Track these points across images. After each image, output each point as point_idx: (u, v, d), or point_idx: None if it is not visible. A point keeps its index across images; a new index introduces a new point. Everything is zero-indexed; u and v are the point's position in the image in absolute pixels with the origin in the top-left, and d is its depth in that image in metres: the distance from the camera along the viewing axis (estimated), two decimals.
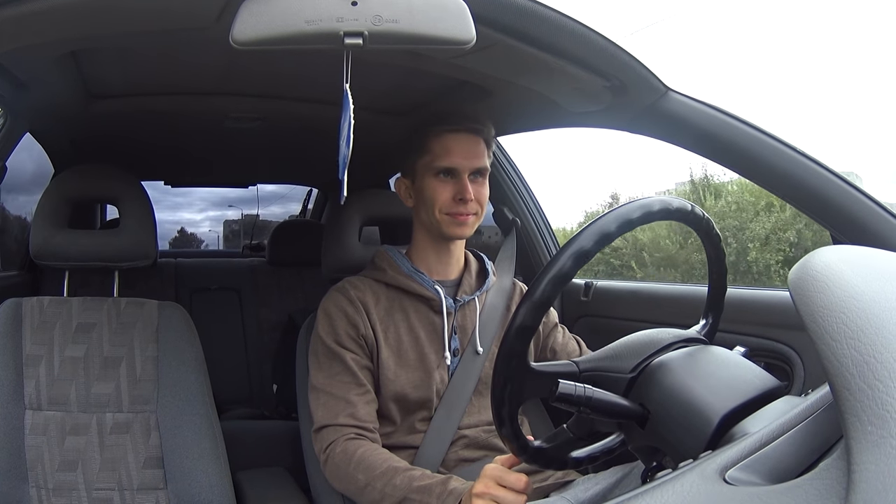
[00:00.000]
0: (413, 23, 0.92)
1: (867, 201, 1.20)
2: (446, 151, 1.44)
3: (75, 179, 1.68)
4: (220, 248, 3.81)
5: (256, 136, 2.19)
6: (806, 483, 0.54)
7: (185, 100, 1.84)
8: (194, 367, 1.60)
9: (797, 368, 1.43)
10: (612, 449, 1.02)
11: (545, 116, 1.65)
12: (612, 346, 0.99)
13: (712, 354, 0.95)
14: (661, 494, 0.58)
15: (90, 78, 1.60)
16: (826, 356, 0.56)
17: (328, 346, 1.42)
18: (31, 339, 1.56)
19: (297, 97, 1.82)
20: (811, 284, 0.61)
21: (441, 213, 1.44)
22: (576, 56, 1.20)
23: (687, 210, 0.97)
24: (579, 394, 0.88)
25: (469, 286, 1.54)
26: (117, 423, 1.54)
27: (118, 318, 1.62)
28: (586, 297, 2.03)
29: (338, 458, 1.34)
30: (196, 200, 4.36)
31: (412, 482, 1.24)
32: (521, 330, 0.89)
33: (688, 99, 1.31)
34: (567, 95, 1.38)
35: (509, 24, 1.10)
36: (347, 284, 1.49)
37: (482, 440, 1.45)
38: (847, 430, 0.52)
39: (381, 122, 1.89)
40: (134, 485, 1.50)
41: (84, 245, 1.63)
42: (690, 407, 0.85)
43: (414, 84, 1.71)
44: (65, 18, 1.03)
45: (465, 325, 1.50)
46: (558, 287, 0.88)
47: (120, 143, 2.26)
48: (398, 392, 1.42)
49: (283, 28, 0.89)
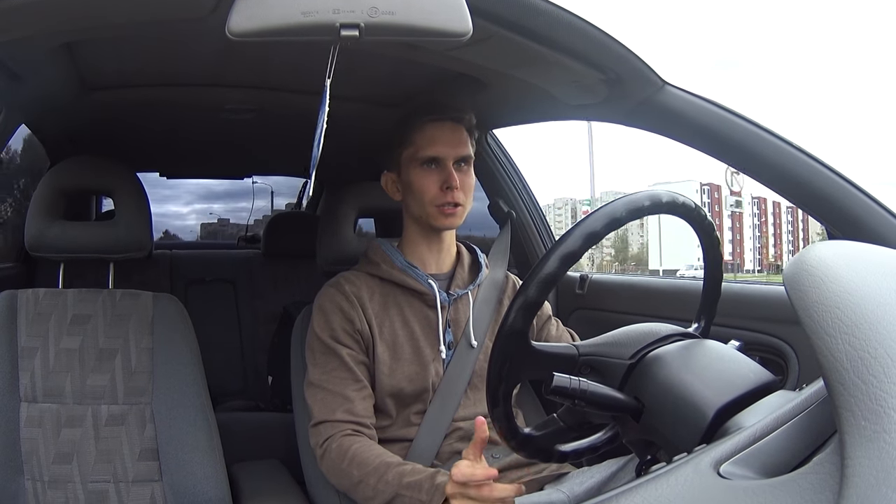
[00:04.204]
0: (409, 15, 0.92)
1: (863, 197, 1.20)
2: (429, 141, 1.44)
3: (70, 171, 1.67)
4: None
5: (252, 127, 2.18)
6: (800, 477, 0.54)
7: (181, 91, 1.83)
8: (189, 359, 1.60)
9: (792, 363, 1.44)
10: (597, 446, 1.02)
11: (542, 109, 1.65)
12: (613, 333, 0.99)
13: (707, 348, 0.95)
14: (655, 488, 0.59)
15: (85, 69, 1.59)
16: (820, 351, 0.56)
17: (324, 341, 1.42)
18: (27, 331, 1.55)
19: (293, 88, 1.81)
20: (806, 279, 0.61)
21: (430, 206, 1.44)
22: (573, 49, 1.19)
23: (678, 203, 0.96)
24: (574, 386, 0.88)
25: (462, 279, 1.54)
26: (112, 415, 1.54)
27: (113, 310, 1.62)
28: (581, 289, 2.03)
29: (333, 453, 1.35)
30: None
31: (402, 478, 1.25)
32: (513, 330, 0.90)
33: (684, 93, 1.31)
34: (564, 88, 1.38)
35: (506, 17, 1.09)
36: (342, 279, 1.49)
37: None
38: (841, 425, 0.52)
39: (377, 114, 1.88)
40: (129, 477, 1.51)
41: (79, 237, 1.63)
42: (685, 400, 0.85)
43: (410, 76, 1.70)
44: (59, 9, 1.02)
45: (459, 318, 1.50)
46: (548, 288, 0.90)
47: (115, 135, 2.25)
48: (394, 386, 1.43)
49: (280, 19, 0.89)
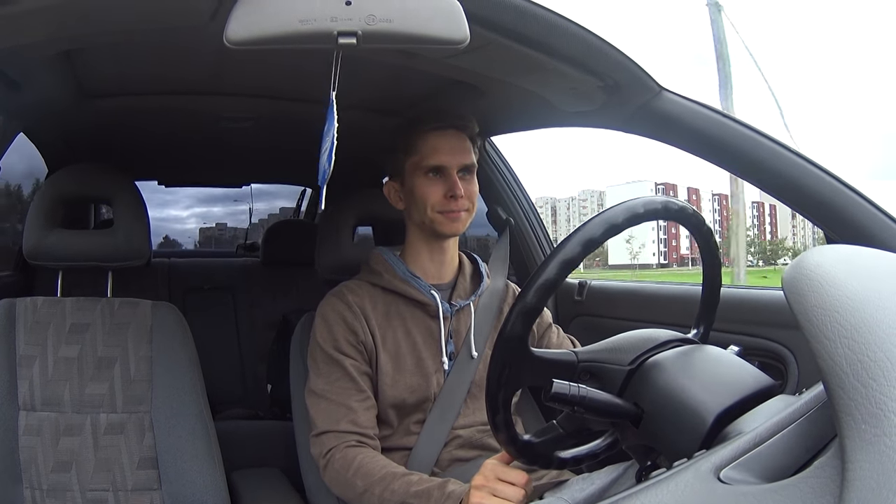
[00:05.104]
0: (407, 22, 0.92)
1: (861, 201, 1.20)
2: (433, 150, 1.44)
3: (69, 179, 1.67)
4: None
5: (250, 135, 2.18)
6: (800, 482, 0.54)
7: (179, 99, 1.84)
8: (188, 368, 1.59)
9: (791, 367, 1.43)
10: (597, 452, 1.02)
11: (539, 116, 1.65)
12: (612, 340, 0.99)
13: (706, 353, 0.95)
14: (655, 494, 0.59)
15: (84, 77, 1.59)
16: (820, 355, 0.56)
17: (327, 352, 1.42)
18: (25, 339, 1.55)
19: (291, 96, 1.82)
20: (805, 283, 0.61)
21: (433, 212, 1.43)
22: (570, 56, 1.19)
23: (675, 208, 0.96)
24: (573, 393, 0.88)
25: (464, 290, 1.54)
26: (111, 424, 1.53)
27: (112, 319, 1.61)
28: (580, 296, 2.03)
29: (337, 464, 1.34)
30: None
31: (410, 487, 1.24)
32: (512, 336, 0.90)
33: (682, 99, 1.31)
34: (561, 95, 1.38)
35: (503, 24, 1.09)
36: (345, 289, 1.48)
37: (476, 440, 1.45)
38: (841, 429, 0.52)
39: (376, 122, 1.89)
40: (128, 486, 1.50)
41: (77, 245, 1.62)
42: (685, 406, 0.85)
43: (408, 84, 1.70)
44: (57, 17, 1.02)
45: (460, 328, 1.50)
46: (547, 294, 0.90)
47: (113, 143, 2.25)
48: (396, 397, 1.42)
49: (277, 27, 0.89)
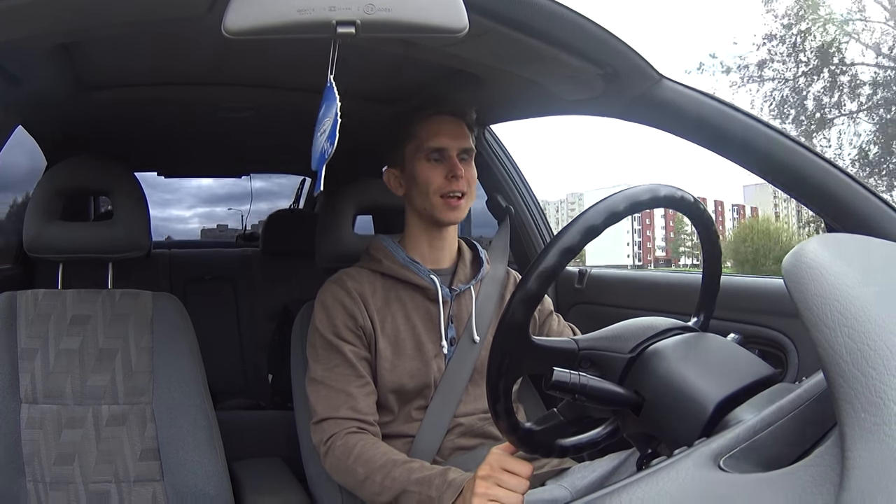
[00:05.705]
0: (405, 11, 0.92)
1: (862, 190, 1.20)
2: (433, 133, 1.45)
3: (68, 172, 1.67)
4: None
5: (249, 125, 2.17)
6: (800, 470, 0.54)
7: (178, 90, 1.83)
8: (189, 358, 1.60)
9: (791, 356, 1.44)
10: (598, 440, 1.02)
11: (538, 104, 1.65)
12: (612, 328, 0.99)
13: (706, 342, 0.95)
14: (656, 481, 0.59)
15: (82, 69, 1.58)
16: (820, 343, 0.56)
17: (326, 338, 1.42)
18: (26, 332, 1.55)
19: (289, 86, 1.81)
20: (805, 272, 0.61)
21: (435, 196, 1.44)
22: (569, 44, 1.19)
23: (676, 197, 0.96)
24: (574, 381, 0.88)
25: (464, 275, 1.54)
26: (113, 416, 1.54)
27: (112, 310, 1.61)
28: (580, 284, 2.03)
29: (338, 451, 1.35)
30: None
31: (411, 474, 1.25)
32: (513, 323, 0.90)
33: (681, 86, 1.30)
34: (560, 83, 1.38)
35: (502, 12, 1.09)
36: (344, 276, 1.49)
37: (478, 428, 1.46)
38: (841, 417, 0.52)
39: (375, 111, 1.88)
40: (131, 477, 1.50)
41: (77, 237, 1.62)
42: (685, 394, 0.85)
43: (407, 73, 1.70)
44: (54, 10, 1.02)
45: (461, 314, 1.50)
46: (548, 282, 0.89)
47: (112, 135, 2.25)
48: (396, 382, 1.43)
49: (276, 17, 0.88)
